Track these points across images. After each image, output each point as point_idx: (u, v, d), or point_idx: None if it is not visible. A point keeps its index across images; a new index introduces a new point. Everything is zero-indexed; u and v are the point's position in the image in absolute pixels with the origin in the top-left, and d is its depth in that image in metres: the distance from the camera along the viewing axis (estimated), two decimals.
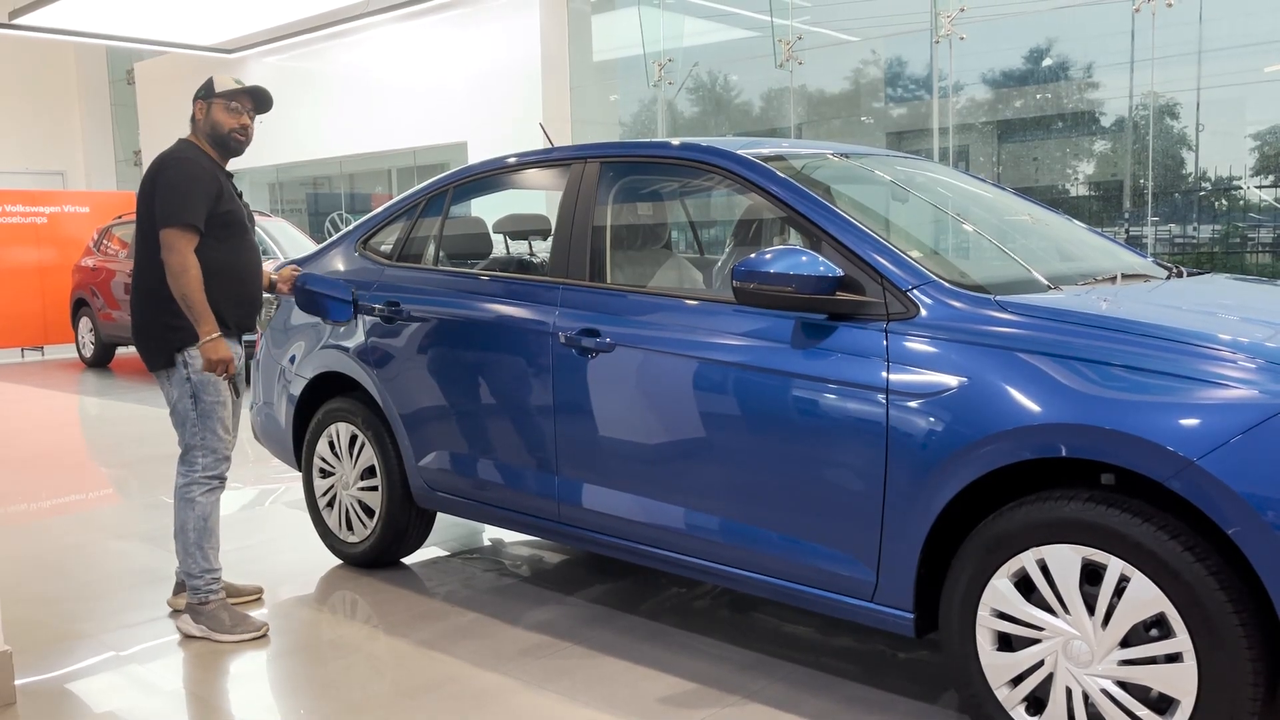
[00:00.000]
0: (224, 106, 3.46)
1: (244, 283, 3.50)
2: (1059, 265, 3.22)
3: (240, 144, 3.52)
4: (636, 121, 13.27)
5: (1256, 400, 2.07)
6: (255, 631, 3.42)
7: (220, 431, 3.44)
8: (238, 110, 3.47)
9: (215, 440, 3.44)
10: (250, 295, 3.55)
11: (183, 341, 3.37)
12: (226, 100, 3.46)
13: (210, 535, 3.48)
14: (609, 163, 3.45)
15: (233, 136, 3.48)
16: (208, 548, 3.47)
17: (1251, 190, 10.89)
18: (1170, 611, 2.13)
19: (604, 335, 3.14)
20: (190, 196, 3.31)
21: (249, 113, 3.52)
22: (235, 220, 3.45)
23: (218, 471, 3.48)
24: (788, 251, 2.68)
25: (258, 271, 3.59)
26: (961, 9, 10.13)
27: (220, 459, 3.47)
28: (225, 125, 3.46)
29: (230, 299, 3.44)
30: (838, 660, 3.14)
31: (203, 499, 3.46)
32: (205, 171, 3.38)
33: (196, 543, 3.46)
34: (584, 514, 3.26)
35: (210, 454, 3.45)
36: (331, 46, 14.70)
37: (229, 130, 3.46)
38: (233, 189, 3.52)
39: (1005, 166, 11.95)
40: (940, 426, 2.42)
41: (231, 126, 3.47)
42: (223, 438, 3.45)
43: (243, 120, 3.49)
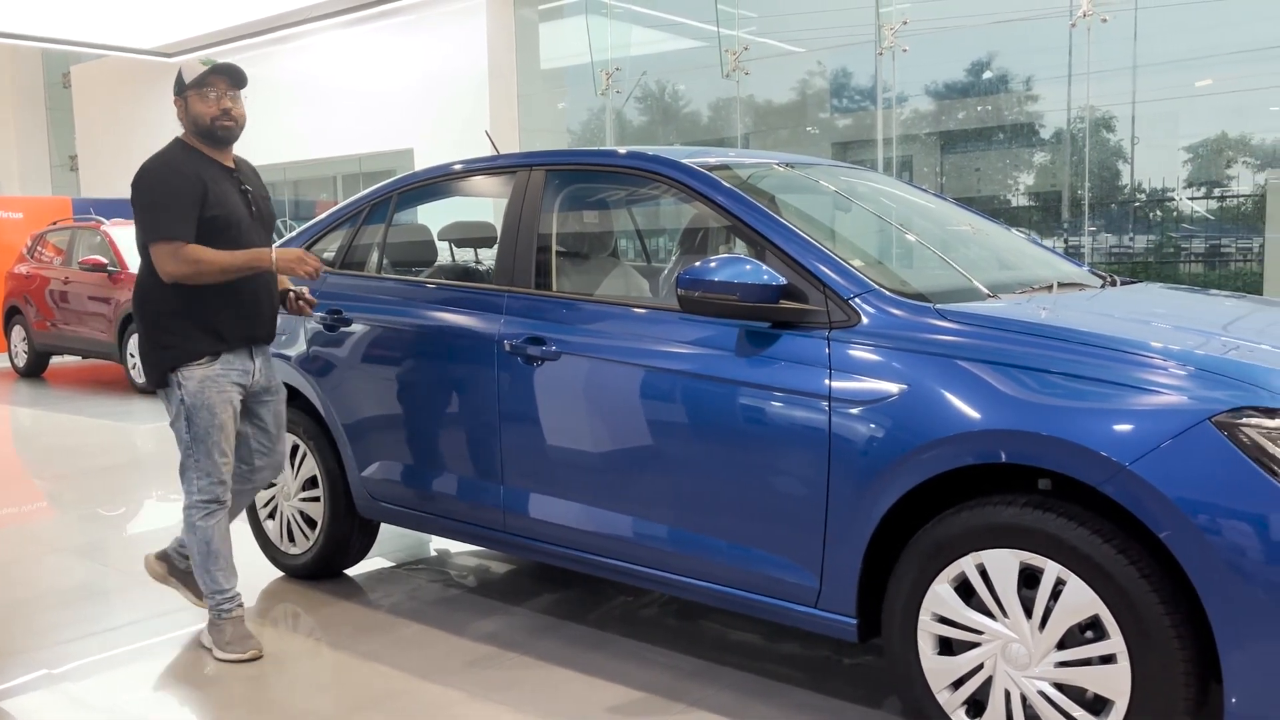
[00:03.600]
0: (198, 96, 3.22)
1: (240, 291, 3.22)
2: (998, 274, 3.28)
3: (229, 130, 3.25)
4: (585, 130, 13.29)
5: (1186, 406, 2.13)
6: (243, 653, 3.25)
7: (215, 455, 3.22)
8: (214, 96, 3.22)
9: (209, 463, 3.23)
10: (253, 303, 3.27)
11: (175, 361, 3.18)
12: (198, 89, 3.22)
13: (215, 558, 3.29)
14: (554, 170, 3.44)
15: (218, 125, 3.22)
16: (214, 570, 3.29)
17: (1184, 201, 11.19)
18: (1104, 614, 2.17)
19: (549, 343, 3.13)
20: (165, 209, 3.10)
21: (228, 95, 3.24)
22: (228, 223, 3.19)
23: (213, 495, 3.26)
24: (732, 260, 2.70)
25: (258, 278, 3.27)
26: (904, 21, 10.29)
27: (215, 482, 3.25)
28: (205, 115, 3.21)
29: (227, 311, 3.21)
30: (783, 666, 3.15)
31: (201, 523, 3.27)
32: (182, 176, 3.14)
33: (203, 565, 3.30)
34: (530, 523, 3.24)
35: (204, 476, 3.24)
36: (275, 51, 14.52)
37: (211, 120, 3.21)
38: (234, 187, 3.27)
39: (948, 177, 12.14)
40: (881, 433, 2.45)
41: (212, 115, 3.21)
42: (217, 461, 3.23)
43: (223, 104, 3.22)
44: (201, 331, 3.19)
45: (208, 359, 3.20)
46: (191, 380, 3.18)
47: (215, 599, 3.32)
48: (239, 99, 3.28)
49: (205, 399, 3.18)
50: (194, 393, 3.18)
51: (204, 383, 3.19)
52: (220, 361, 3.22)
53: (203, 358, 3.19)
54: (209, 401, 3.19)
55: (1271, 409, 2.06)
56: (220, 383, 3.21)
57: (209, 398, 3.19)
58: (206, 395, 3.18)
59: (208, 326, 3.18)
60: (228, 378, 3.23)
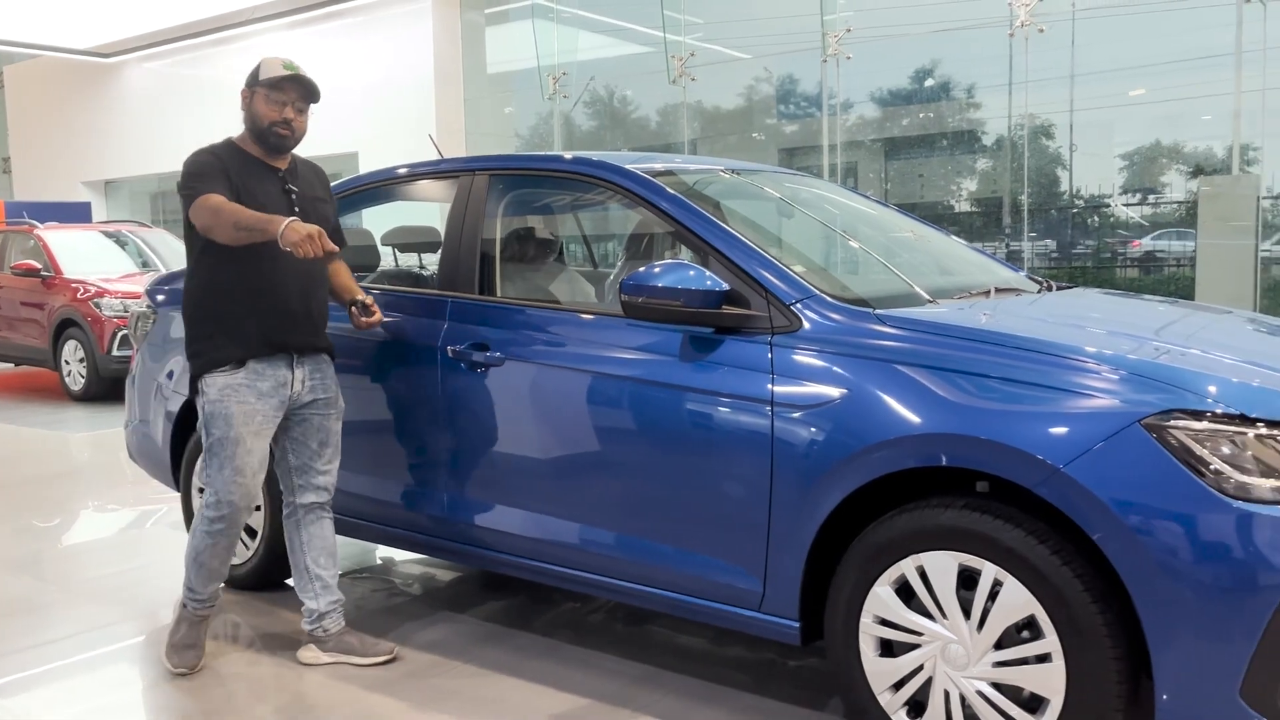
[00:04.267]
0: (267, 96, 3.05)
1: (269, 294, 3.03)
2: (938, 279, 3.33)
3: (283, 140, 3.08)
4: (534, 134, 13.26)
5: (1117, 409, 2.17)
6: (172, 665, 3.17)
7: (226, 471, 3.01)
8: (282, 101, 3.05)
9: (218, 478, 3.03)
10: (285, 307, 3.06)
11: (201, 368, 3.05)
12: (270, 89, 3.04)
13: (199, 568, 3.14)
14: (498, 175, 3.43)
15: (274, 131, 3.06)
16: (193, 573, 3.16)
17: (1120, 208, 11.45)
18: (1040, 613, 2.21)
19: (493, 349, 3.12)
20: (199, 178, 2.94)
21: (295, 104, 3.07)
22: None
23: (219, 513, 3.05)
24: (675, 266, 2.71)
25: (291, 282, 3.07)
26: (848, 29, 10.41)
27: (223, 500, 3.03)
28: (266, 118, 3.05)
29: (254, 315, 3.02)
30: (729, 670, 3.17)
31: (200, 535, 3.11)
32: (219, 160, 3.01)
33: (189, 564, 3.16)
34: (475, 530, 3.22)
35: (213, 492, 3.05)
36: (218, 53, 14.30)
37: (269, 124, 3.05)
38: (276, 186, 3.10)
39: (893, 183, 12.31)
40: (823, 437, 2.47)
41: (273, 120, 3.05)
42: (228, 477, 3.02)
43: (285, 113, 3.05)
44: (226, 337, 3.03)
45: (231, 366, 3.02)
46: (212, 388, 3.02)
47: (186, 593, 3.22)
48: (305, 113, 3.13)
49: (223, 409, 3.00)
50: (213, 400, 3.02)
51: (224, 391, 3.01)
52: (246, 370, 3.02)
53: (226, 364, 3.02)
54: (226, 412, 3.00)
55: (1198, 411, 2.11)
56: (243, 393, 3.01)
57: (227, 408, 3.00)
58: (225, 405, 3.00)
59: (233, 331, 3.02)
60: (254, 388, 3.03)
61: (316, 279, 3.17)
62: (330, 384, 3.23)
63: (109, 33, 14.66)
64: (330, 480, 3.27)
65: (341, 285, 3.31)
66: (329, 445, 3.24)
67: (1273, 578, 2.00)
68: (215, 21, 13.66)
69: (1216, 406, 2.11)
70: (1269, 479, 2.04)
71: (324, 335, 3.22)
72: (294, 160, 3.22)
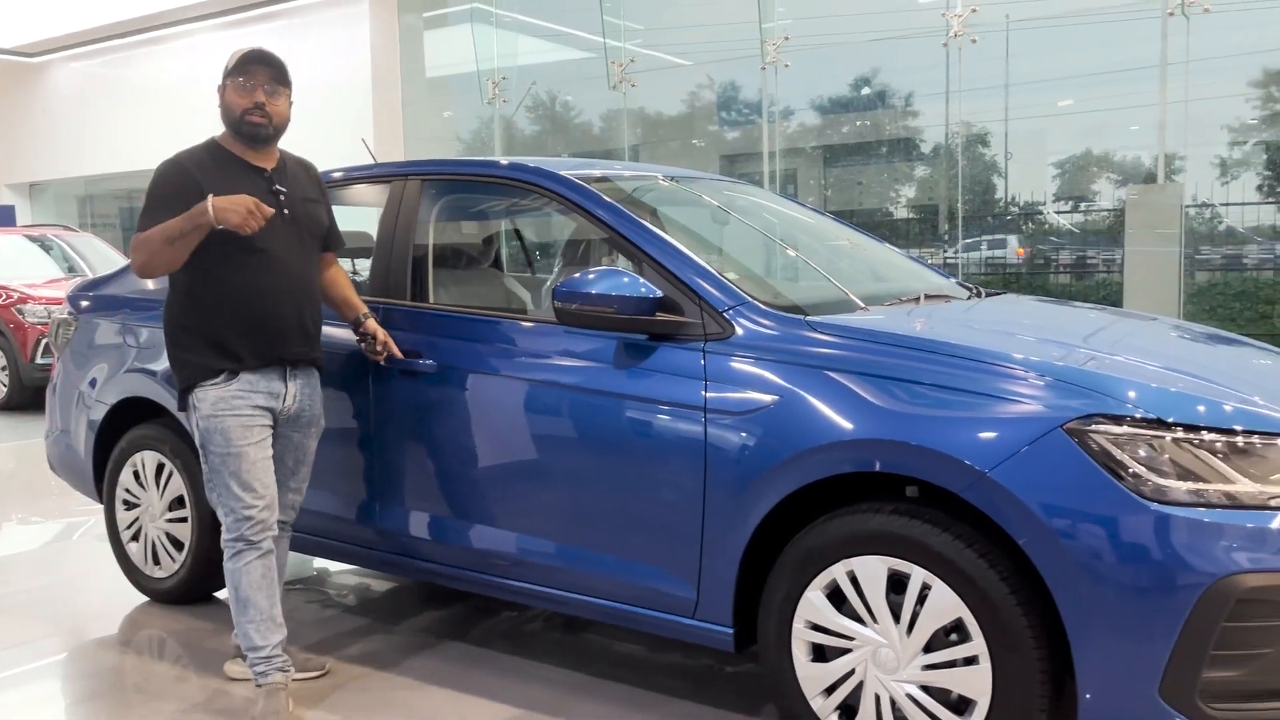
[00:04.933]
0: (234, 85, 2.85)
1: (251, 303, 2.83)
2: (870, 286, 3.36)
3: (257, 128, 2.84)
4: (474, 138, 13.17)
5: (1041, 414, 2.21)
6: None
7: (235, 488, 2.82)
8: (250, 86, 2.83)
9: (229, 497, 2.84)
10: (273, 317, 2.86)
11: (189, 379, 2.85)
12: (235, 77, 2.84)
13: (245, 607, 2.87)
14: (432, 180, 3.39)
15: (245, 121, 2.84)
16: (245, 623, 2.88)
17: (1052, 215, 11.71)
18: (967, 617, 2.24)
19: (426, 357, 3.08)
20: (152, 208, 2.77)
21: (265, 87, 2.85)
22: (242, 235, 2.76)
23: (238, 533, 2.85)
24: (609, 273, 2.71)
25: (281, 289, 2.87)
26: (786, 37, 10.50)
27: (239, 519, 2.83)
28: (236, 107, 2.84)
29: (239, 326, 2.83)
30: (666, 678, 3.16)
31: (230, 565, 2.88)
32: (189, 174, 2.79)
33: (235, 617, 2.91)
34: (407, 541, 3.18)
35: (228, 513, 2.86)
36: (148, 53, 14.00)
37: (240, 113, 2.83)
38: (261, 188, 2.86)
39: (832, 190, 12.44)
40: (755, 443, 2.48)
41: (243, 107, 2.83)
42: (239, 495, 2.83)
43: (255, 98, 2.83)
44: (214, 348, 2.84)
45: (224, 377, 2.83)
46: (205, 402, 2.82)
47: (250, 657, 2.91)
48: (280, 97, 2.89)
49: (219, 423, 2.82)
50: (207, 416, 2.82)
51: (218, 404, 2.82)
52: (239, 381, 2.84)
53: (218, 376, 2.83)
54: (223, 426, 2.81)
55: (1119, 415, 2.16)
56: (237, 405, 2.83)
57: (223, 422, 2.81)
58: (220, 419, 2.81)
59: (220, 343, 2.83)
60: (248, 400, 2.84)
61: (309, 285, 2.98)
62: (317, 402, 3.05)
63: (34, 32, 14.27)
64: (299, 500, 3.12)
65: (341, 298, 3.15)
66: (304, 464, 3.08)
67: (1189, 578, 2.04)
68: (145, 21, 13.37)
69: (1135, 411, 2.16)
70: (1185, 482, 2.09)
71: (318, 347, 3.02)
72: (284, 159, 3.01)
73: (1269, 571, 2.04)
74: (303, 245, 2.96)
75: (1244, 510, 2.07)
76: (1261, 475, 2.11)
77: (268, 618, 2.90)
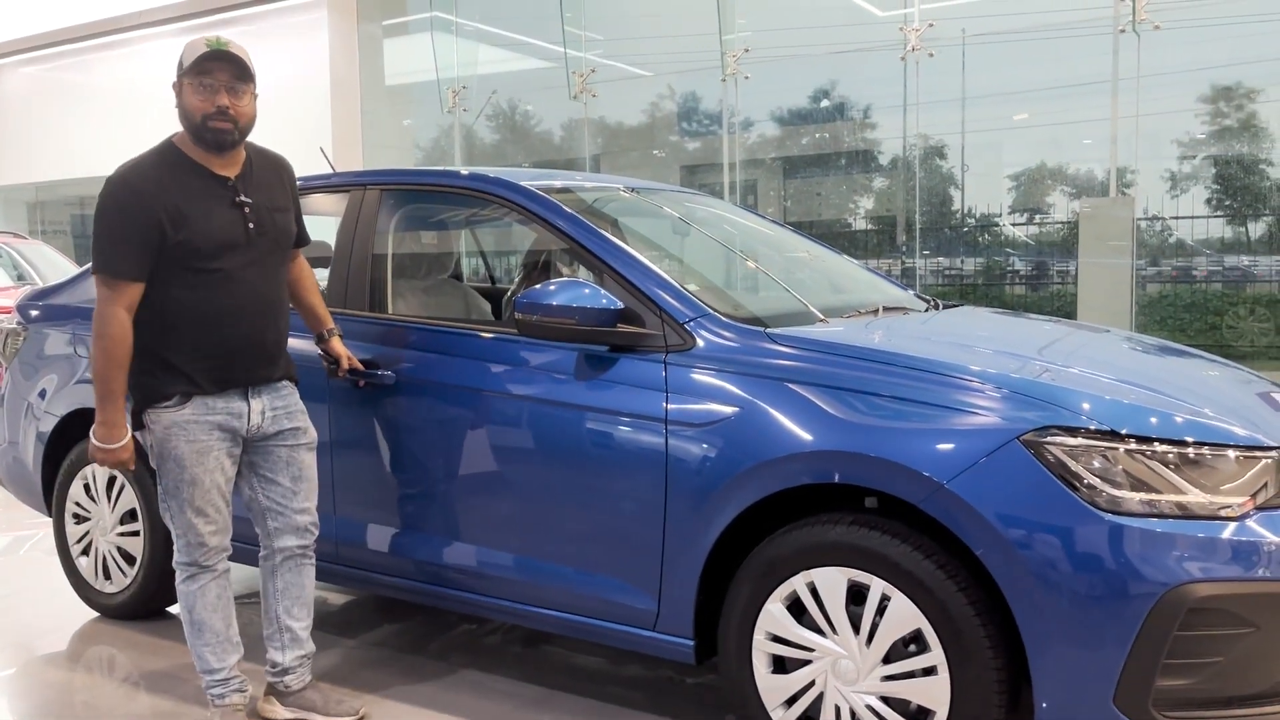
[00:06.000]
0: (193, 85, 2.59)
1: (205, 326, 2.65)
2: (830, 298, 3.38)
3: (222, 135, 2.60)
4: (434, 147, 13.11)
5: (998, 426, 2.23)
6: None
7: (188, 514, 2.70)
8: (211, 86, 2.59)
9: (181, 521, 2.72)
10: (234, 342, 2.68)
11: (140, 402, 2.68)
12: (194, 76, 2.58)
13: (199, 630, 2.79)
14: (391, 190, 3.37)
15: (209, 126, 2.59)
16: (200, 646, 2.81)
17: (1008, 227, 11.87)
18: (926, 627, 2.25)
19: (383, 368, 3.05)
20: (113, 237, 2.55)
21: (228, 86, 2.60)
22: (209, 249, 2.61)
23: (191, 558, 2.75)
24: (570, 284, 2.70)
25: (241, 311, 2.69)
26: (746, 50, 10.57)
27: (191, 544, 2.73)
28: (197, 111, 2.59)
29: (195, 350, 2.65)
30: (626, 690, 3.15)
31: (182, 587, 2.79)
32: (140, 197, 2.55)
33: (189, 639, 2.83)
34: (364, 554, 3.14)
35: (180, 536, 2.75)
36: (102, 58, 13.78)
37: (203, 118, 2.59)
38: (225, 200, 2.66)
39: (791, 200, 12.53)
40: (715, 454, 2.48)
41: (205, 112, 2.58)
42: (192, 521, 2.71)
43: (218, 101, 2.58)
44: (167, 370, 2.65)
45: (176, 399, 2.65)
46: (158, 425, 2.66)
47: (205, 680, 2.84)
48: (245, 95, 2.64)
49: (173, 449, 2.66)
50: (160, 440, 2.67)
51: (170, 429, 2.66)
52: (193, 404, 2.66)
53: (169, 399, 2.65)
54: (176, 452, 2.66)
55: (1073, 427, 2.18)
56: (191, 430, 2.66)
57: (176, 447, 2.66)
58: (174, 445, 2.66)
59: (172, 365, 2.65)
60: (203, 424, 2.67)
61: (274, 304, 2.79)
62: (296, 412, 2.86)
63: None
64: (309, 520, 2.90)
65: (307, 305, 3.03)
66: (303, 480, 2.87)
67: (1142, 587, 2.07)
68: (100, 26, 13.17)
69: (1090, 423, 2.19)
70: (1138, 492, 2.12)
71: (282, 364, 2.83)
72: (249, 161, 2.76)
73: (1220, 580, 2.07)
74: (268, 261, 2.76)
75: (1195, 520, 2.10)
76: (1212, 486, 2.15)
77: (224, 639, 2.83)
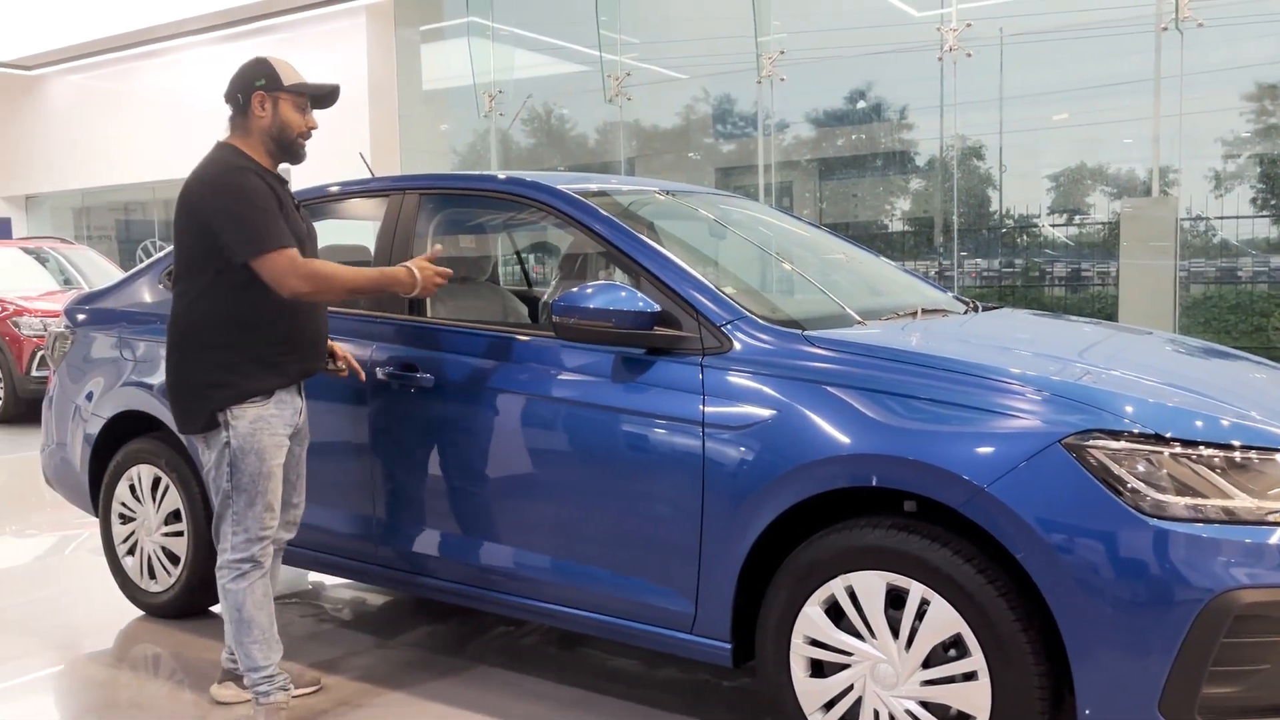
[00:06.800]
0: (294, 103, 2.88)
1: (301, 319, 2.87)
2: (867, 300, 3.37)
3: (301, 150, 2.93)
4: (471, 151, 13.19)
5: (1039, 430, 2.21)
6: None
7: (259, 507, 2.83)
8: (306, 108, 2.92)
9: (249, 516, 2.83)
10: (314, 334, 2.93)
11: (225, 400, 2.79)
12: (298, 95, 2.89)
13: (248, 628, 2.87)
14: (429, 194, 3.40)
15: (298, 141, 2.90)
16: (248, 642, 2.87)
17: (1047, 228, 11.73)
18: (966, 632, 2.23)
19: (424, 371, 3.08)
20: (265, 212, 2.74)
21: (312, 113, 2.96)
22: (297, 240, 2.83)
23: (248, 554, 2.85)
24: (607, 287, 2.71)
25: (316, 305, 2.93)
26: (781, 51, 10.54)
27: (251, 539, 2.84)
28: (295, 127, 2.88)
29: (289, 343, 2.85)
30: (662, 693, 3.15)
31: (231, 586, 2.86)
32: (265, 182, 2.81)
33: (235, 637, 2.89)
34: (404, 556, 3.17)
35: (241, 532, 2.84)
36: (143, 66, 14.02)
37: (297, 134, 2.89)
38: (290, 202, 2.92)
39: (827, 202, 12.46)
40: (752, 458, 2.48)
41: (300, 130, 2.89)
42: (260, 515, 2.83)
43: (310, 121, 2.93)
44: (260, 366, 2.81)
45: (262, 397, 2.81)
46: (243, 421, 2.79)
47: (251, 678, 2.90)
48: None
49: (256, 443, 2.80)
50: (244, 435, 2.79)
51: (256, 424, 2.80)
52: (275, 401, 2.84)
53: (258, 395, 2.81)
54: (259, 446, 2.80)
55: (1116, 431, 2.16)
56: (274, 424, 2.83)
57: (260, 442, 2.80)
58: (258, 439, 2.80)
59: (268, 360, 2.82)
60: (281, 419, 2.86)
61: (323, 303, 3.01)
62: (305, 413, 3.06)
63: (30, 45, 14.29)
64: (299, 514, 3.10)
65: None
66: (301, 478, 3.08)
67: (1188, 593, 2.04)
68: (142, 34, 13.39)
69: (1133, 426, 2.16)
70: (1183, 497, 2.09)
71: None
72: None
73: (1267, 587, 2.03)
74: (313, 254, 2.99)
75: (1242, 526, 2.07)
76: (1259, 491, 2.11)
77: (269, 636, 2.91)
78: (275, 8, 12.31)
